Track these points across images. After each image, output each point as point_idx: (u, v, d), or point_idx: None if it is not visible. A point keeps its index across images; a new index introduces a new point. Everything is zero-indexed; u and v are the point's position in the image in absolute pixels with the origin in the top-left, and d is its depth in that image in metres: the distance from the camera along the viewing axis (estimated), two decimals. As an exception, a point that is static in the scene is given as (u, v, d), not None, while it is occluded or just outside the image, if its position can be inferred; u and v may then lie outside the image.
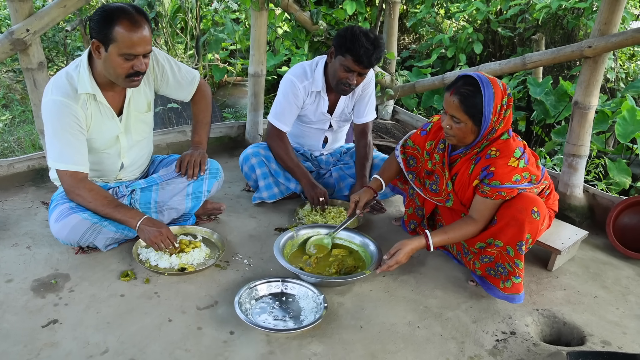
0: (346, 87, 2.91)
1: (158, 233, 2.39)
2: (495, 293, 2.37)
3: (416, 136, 2.65)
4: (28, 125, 5.06)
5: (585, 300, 2.48)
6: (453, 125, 2.26)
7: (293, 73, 3.07)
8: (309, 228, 2.73)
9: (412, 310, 2.31)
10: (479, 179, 2.31)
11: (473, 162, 2.34)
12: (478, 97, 2.16)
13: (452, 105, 2.22)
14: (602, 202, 3.25)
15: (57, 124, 2.31)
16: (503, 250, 2.29)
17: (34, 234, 2.70)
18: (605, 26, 3.00)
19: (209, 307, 2.22)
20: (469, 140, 2.30)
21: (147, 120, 2.68)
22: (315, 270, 2.48)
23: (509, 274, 2.31)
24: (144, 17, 2.24)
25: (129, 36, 2.18)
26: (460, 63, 6.27)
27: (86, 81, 2.34)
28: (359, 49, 2.73)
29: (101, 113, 2.44)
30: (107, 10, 2.18)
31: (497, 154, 2.26)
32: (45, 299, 2.19)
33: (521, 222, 2.22)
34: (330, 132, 3.34)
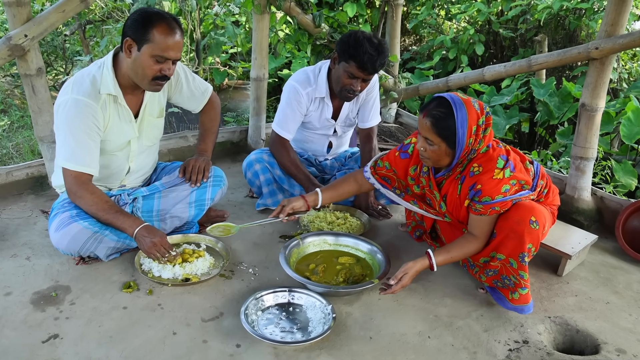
0: (350, 94, 2.87)
1: (152, 243, 2.32)
2: (504, 304, 2.33)
3: (394, 158, 2.56)
4: (27, 130, 5.01)
5: (597, 306, 2.44)
6: (427, 148, 2.21)
7: (296, 79, 3.03)
8: (315, 236, 2.68)
9: (422, 319, 2.25)
10: (469, 198, 2.26)
11: (459, 182, 2.30)
12: (451, 119, 2.11)
13: (425, 127, 2.17)
14: (610, 205, 3.20)
15: (75, 123, 2.27)
16: (506, 262, 2.25)
17: (33, 244, 2.64)
18: (612, 27, 2.96)
19: (214, 319, 2.16)
20: (444, 163, 2.26)
21: (159, 125, 2.68)
22: (323, 280, 2.42)
23: (515, 285, 2.27)
24: (179, 26, 2.29)
25: (165, 39, 2.22)
26: (462, 64, 6.24)
27: (110, 82, 2.33)
28: (362, 55, 2.69)
29: (119, 116, 2.42)
30: (147, 12, 2.25)
31: (480, 170, 2.21)
32: (46, 313, 2.13)
33: (520, 233, 2.17)
34: (335, 137, 3.29)
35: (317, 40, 3.95)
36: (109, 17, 5.92)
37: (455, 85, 4.23)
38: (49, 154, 3.06)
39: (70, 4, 2.86)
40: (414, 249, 2.78)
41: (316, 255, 2.61)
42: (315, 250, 2.64)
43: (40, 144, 3.06)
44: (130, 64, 2.29)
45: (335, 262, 2.56)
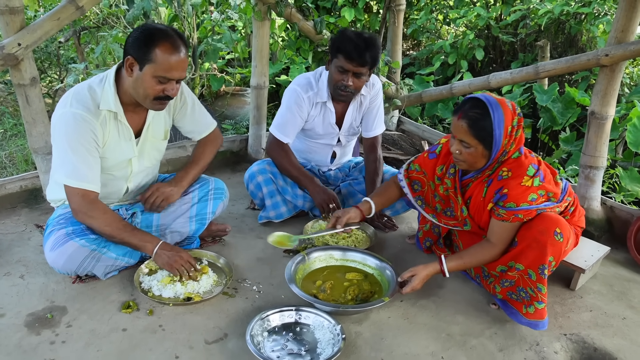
0: (343, 91, 2.79)
1: (178, 257, 2.27)
2: (518, 318, 2.25)
3: (423, 159, 2.53)
4: (20, 139, 4.90)
5: (613, 322, 2.36)
6: (462, 150, 2.16)
7: (297, 83, 2.97)
8: (321, 251, 2.59)
9: (434, 338, 2.17)
10: (493, 202, 2.21)
11: (485, 184, 2.25)
12: (487, 120, 2.07)
13: (460, 129, 2.12)
14: (620, 215, 3.13)
15: (74, 138, 2.17)
16: (524, 274, 2.17)
17: (27, 261, 2.54)
18: (622, 34, 2.91)
19: (218, 340, 2.07)
20: (479, 165, 2.20)
21: (161, 148, 2.57)
22: (330, 297, 2.33)
23: (531, 298, 2.19)
24: (184, 43, 2.19)
25: (168, 59, 2.11)
26: (462, 70, 6.19)
27: (110, 98, 2.22)
28: (348, 45, 2.66)
29: (119, 133, 2.32)
30: (149, 30, 2.13)
31: (509, 175, 2.16)
32: (41, 336, 2.03)
33: (543, 244, 2.10)
34: (339, 147, 3.22)
35: (319, 47, 3.87)
36: (104, 24, 5.83)
37: (460, 92, 4.16)
38: (44, 166, 2.96)
39: (65, 12, 2.77)
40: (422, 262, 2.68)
41: (322, 272, 2.52)
42: (321, 266, 2.55)
43: (35, 155, 2.96)
44: (131, 83, 2.19)
45: (343, 279, 2.48)
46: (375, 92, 3.07)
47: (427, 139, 4.28)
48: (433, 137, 4.29)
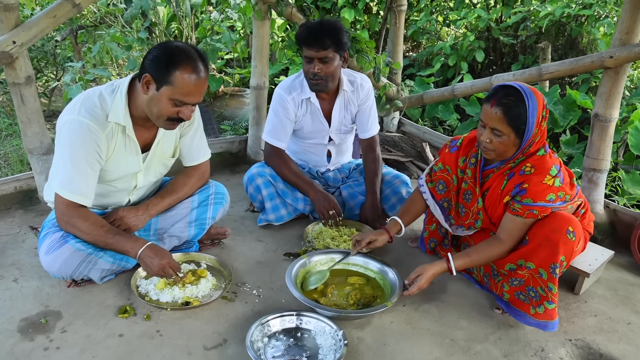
0: (314, 80, 2.81)
1: (160, 265, 2.18)
2: (525, 320, 2.21)
3: (445, 155, 2.50)
4: (16, 139, 4.85)
5: (618, 327, 2.33)
6: (493, 139, 2.12)
7: (280, 87, 3.00)
8: (323, 254, 2.54)
9: (438, 344, 2.12)
10: (510, 195, 2.18)
11: (506, 177, 2.22)
12: (522, 107, 2.04)
13: (494, 117, 2.07)
14: (623, 218, 3.10)
15: (77, 148, 2.10)
16: (535, 273, 2.14)
17: (21, 264, 2.49)
18: (626, 35, 2.87)
19: (217, 346, 2.02)
20: (509, 154, 2.17)
21: (169, 164, 2.51)
22: (332, 302, 2.29)
23: (541, 298, 2.15)
24: (206, 66, 2.10)
25: (187, 84, 2.04)
26: (462, 71, 6.16)
27: (120, 110, 2.15)
28: (305, 33, 2.73)
29: (125, 147, 2.25)
30: (171, 50, 2.04)
31: (532, 171, 2.13)
32: (34, 342, 1.98)
33: (555, 242, 2.07)
34: (332, 146, 3.19)
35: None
36: (101, 23, 5.80)
37: (462, 93, 4.12)
38: (39, 167, 2.91)
39: (61, 9, 2.72)
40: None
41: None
42: (322, 269, 2.50)
43: (30, 156, 2.91)
44: (146, 100, 2.11)
45: (345, 283, 2.43)
46: (365, 93, 3.06)
47: (428, 141, 4.24)
48: (434, 138, 4.25)
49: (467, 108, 5.51)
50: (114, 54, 4.73)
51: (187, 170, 2.58)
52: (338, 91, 2.99)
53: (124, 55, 4.88)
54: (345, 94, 3.01)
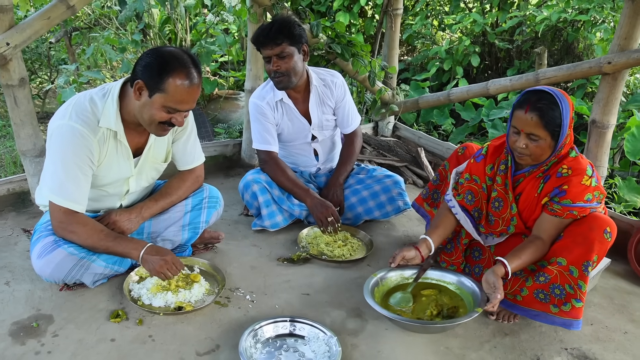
0: (276, 78, 2.85)
1: (163, 262, 2.17)
2: (546, 319, 2.21)
3: (470, 165, 2.48)
4: (9, 141, 4.82)
5: (615, 336, 2.31)
6: (530, 144, 2.14)
7: (254, 96, 3.06)
8: (393, 271, 2.44)
9: (433, 352, 2.11)
10: (549, 196, 2.19)
11: (542, 180, 2.23)
12: (556, 110, 2.08)
13: (529, 122, 2.09)
14: (620, 226, 3.04)
15: (68, 153, 2.09)
16: (565, 270, 2.13)
17: (13, 266, 2.47)
18: (625, 41, 2.88)
19: (209, 352, 2.01)
20: (544, 158, 2.19)
21: (161, 169, 2.50)
22: (413, 315, 2.26)
23: (567, 296, 2.14)
24: (199, 72, 2.09)
25: (181, 93, 2.04)
26: (457, 76, 6.17)
27: (111, 116, 2.14)
28: (257, 35, 2.81)
29: (117, 152, 2.24)
30: (164, 57, 2.03)
31: (569, 172, 2.15)
32: (26, 347, 1.96)
33: (591, 241, 2.08)
34: (317, 143, 3.19)
35: (315, 51, 3.82)
36: (96, 25, 5.78)
37: (457, 98, 4.12)
38: (32, 169, 2.90)
39: (55, 11, 2.70)
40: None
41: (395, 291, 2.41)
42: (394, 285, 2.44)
43: (23, 158, 2.89)
44: (138, 106, 2.10)
45: (419, 295, 2.38)
46: (340, 90, 3.10)
47: (424, 146, 4.23)
48: (429, 143, 4.25)
49: (462, 113, 5.52)
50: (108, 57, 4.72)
51: (182, 174, 2.56)
52: (310, 88, 3.01)
53: (118, 58, 4.87)
54: (317, 89, 3.03)
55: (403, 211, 3.14)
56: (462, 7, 6.89)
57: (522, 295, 2.26)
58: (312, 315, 2.25)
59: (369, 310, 2.31)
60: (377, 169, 3.25)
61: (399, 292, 2.38)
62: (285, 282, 2.52)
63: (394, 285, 2.43)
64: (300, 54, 2.84)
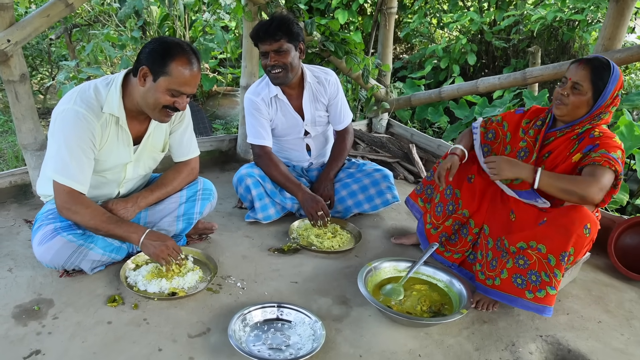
0: (272, 72, 2.92)
1: (164, 246, 2.29)
2: (520, 304, 2.31)
3: (508, 113, 2.66)
4: (11, 136, 4.92)
5: (589, 325, 2.41)
6: (571, 93, 2.29)
7: (249, 92, 3.12)
8: (387, 262, 2.59)
9: (413, 337, 2.21)
10: (582, 152, 2.31)
11: (576, 142, 2.36)
12: (606, 73, 2.24)
13: (580, 72, 2.27)
14: (602, 222, 3.11)
15: (72, 135, 2.19)
16: (544, 258, 2.23)
17: (15, 255, 2.57)
18: (609, 41, 2.96)
19: (201, 334, 2.11)
20: (578, 114, 2.32)
21: (158, 158, 2.61)
22: (404, 309, 2.37)
23: (542, 283, 2.24)
24: (198, 60, 2.23)
25: (183, 74, 2.17)
26: (454, 74, 6.24)
27: (115, 102, 2.25)
28: (256, 30, 2.86)
29: (118, 138, 2.35)
30: (167, 43, 2.18)
31: (601, 134, 2.30)
32: (28, 327, 2.06)
33: (571, 233, 2.18)
34: (310, 139, 3.27)
35: (309, 49, 3.91)
36: (95, 21, 5.85)
37: (449, 96, 4.21)
38: (33, 162, 2.99)
39: (55, 9, 2.78)
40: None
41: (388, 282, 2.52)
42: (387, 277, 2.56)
43: (24, 151, 2.99)
44: (142, 92, 2.22)
45: (411, 289, 2.49)
46: (334, 87, 3.18)
47: (416, 142, 4.32)
48: (422, 140, 4.33)
49: (457, 111, 5.60)
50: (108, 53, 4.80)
51: (177, 166, 2.66)
52: (304, 85, 3.09)
53: (118, 55, 4.95)
54: (311, 86, 3.11)
55: (391, 204, 3.24)
56: (460, 6, 6.95)
57: (501, 278, 2.36)
58: (300, 302, 2.34)
59: (354, 298, 2.41)
60: (367, 164, 3.34)
61: (391, 284, 2.49)
62: (275, 271, 2.62)
63: (387, 277, 2.55)
64: (296, 51, 2.92)
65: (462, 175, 2.64)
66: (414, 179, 3.99)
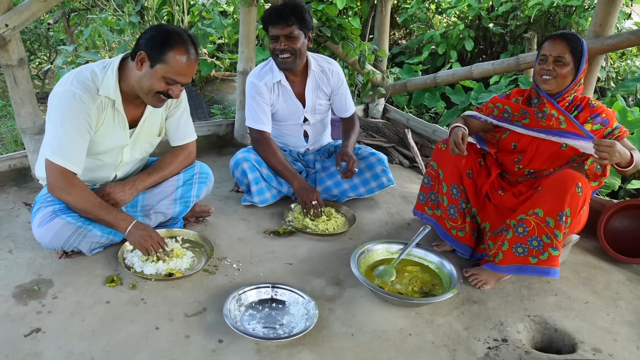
0: (281, 56, 2.93)
1: (148, 237, 2.35)
2: (525, 270, 2.39)
3: (494, 98, 2.74)
4: (10, 120, 4.95)
5: (576, 305, 2.46)
6: (556, 67, 2.40)
7: (252, 75, 3.13)
8: (380, 244, 2.65)
9: (404, 316, 2.27)
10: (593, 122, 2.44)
11: (572, 108, 2.50)
12: (579, 42, 2.39)
13: (559, 47, 2.39)
14: (593, 205, 3.19)
15: (68, 116, 2.22)
16: (542, 221, 2.31)
17: (15, 237, 2.62)
18: (600, 28, 2.99)
19: (197, 314, 2.16)
20: (565, 84, 2.44)
21: (154, 142, 2.64)
22: (395, 289, 2.43)
23: (544, 245, 2.33)
24: (196, 50, 2.27)
25: (180, 64, 2.20)
26: (451, 60, 6.25)
27: (111, 85, 2.28)
28: (269, 13, 2.87)
29: (114, 121, 2.38)
30: (167, 31, 2.21)
31: (597, 104, 2.47)
32: (28, 307, 2.12)
33: (564, 192, 2.27)
34: (308, 126, 3.30)
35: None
36: (93, 6, 5.84)
37: (443, 81, 4.24)
38: (32, 146, 3.03)
39: (52, -7, 2.80)
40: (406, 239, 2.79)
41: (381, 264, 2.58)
42: (379, 259, 2.62)
43: (23, 135, 3.03)
44: (138, 77, 2.25)
45: (403, 270, 2.55)
46: (337, 77, 3.21)
47: (411, 127, 4.36)
48: (417, 125, 4.37)
49: (453, 96, 5.63)
50: (106, 38, 4.81)
51: (174, 150, 2.70)
52: (308, 72, 3.12)
53: (116, 40, 4.96)
54: (314, 74, 3.14)
55: (387, 187, 3.28)
56: (458, -9, 6.94)
57: (502, 250, 2.42)
58: (294, 283, 2.39)
59: (347, 279, 2.47)
60: (362, 147, 3.38)
61: (383, 265, 2.55)
62: (270, 252, 2.68)
63: (380, 259, 2.61)
64: (305, 38, 2.95)
65: (461, 172, 2.68)
66: (409, 164, 4.04)
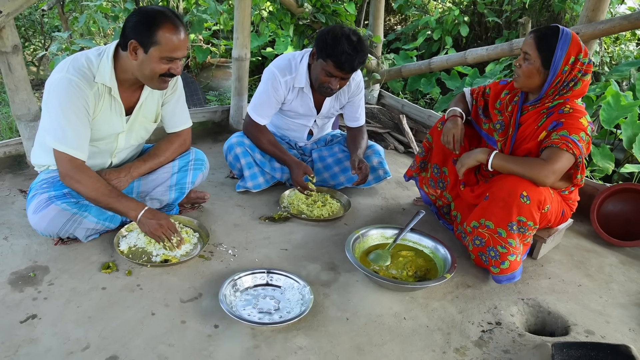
0: (328, 91, 2.86)
1: (158, 225, 2.35)
2: (493, 277, 2.45)
3: (494, 84, 2.71)
4: (5, 107, 4.93)
5: (569, 288, 2.49)
6: (522, 64, 2.34)
7: (276, 65, 2.97)
8: (374, 229, 2.66)
9: (398, 301, 2.29)
10: (547, 130, 2.34)
11: (545, 115, 2.40)
12: (553, 39, 2.26)
13: (527, 42, 2.32)
14: (586, 189, 3.25)
15: (67, 103, 2.21)
16: (494, 233, 2.33)
17: (11, 223, 2.62)
18: (592, 13, 2.99)
19: (192, 299, 2.18)
20: (533, 83, 2.36)
21: (150, 129, 2.63)
22: (390, 273, 2.44)
23: (501, 256, 2.35)
24: (182, 23, 2.25)
25: (172, 40, 2.18)
26: (447, 45, 6.24)
27: (106, 73, 2.27)
28: (340, 55, 2.65)
29: (111, 108, 2.37)
30: (149, 13, 2.18)
31: (570, 111, 2.32)
32: (24, 293, 2.12)
33: (510, 205, 2.27)
34: (315, 127, 3.30)
35: (300, 20, 3.92)
36: (88, -8, 5.81)
37: (438, 67, 4.24)
38: (27, 133, 3.02)
39: (47, -20, 2.79)
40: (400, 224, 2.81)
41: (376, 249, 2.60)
42: (374, 244, 2.64)
43: (18, 122, 3.01)
44: (137, 65, 2.24)
45: (397, 255, 2.57)
46: (357, 86, 3.13)
47: (406, 113, 4.36)
48: (412, 111, 4.37)
49: (448, 82, 5.62)
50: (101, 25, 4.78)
51: (169, 137, 2.70)
52: None
53: (111, 26, 4.93)
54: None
55: (383, 179, 3.29)
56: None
57: (472, 254, 2.51)
58: (289, 268, 2.41)
59: (342, 264, 2.49)
60: None
61: (378, 250, 2.56)
62: (266, 238, 2.69)
63: (375, 244, 2.63)
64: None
65: (448, 158, 2.70)
66: (404, 149, 4.05)
